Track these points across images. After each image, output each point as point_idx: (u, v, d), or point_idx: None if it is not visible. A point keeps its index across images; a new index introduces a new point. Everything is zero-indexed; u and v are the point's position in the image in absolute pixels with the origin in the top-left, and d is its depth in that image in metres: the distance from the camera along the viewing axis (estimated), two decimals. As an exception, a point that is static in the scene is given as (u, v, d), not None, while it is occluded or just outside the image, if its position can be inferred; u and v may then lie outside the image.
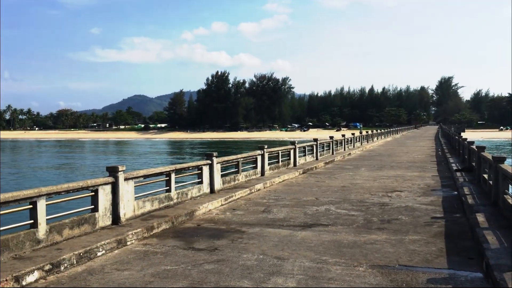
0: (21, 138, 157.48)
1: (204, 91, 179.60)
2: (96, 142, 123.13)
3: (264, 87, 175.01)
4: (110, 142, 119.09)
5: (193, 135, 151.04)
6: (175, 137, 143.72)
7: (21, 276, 6.21)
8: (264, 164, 18.07)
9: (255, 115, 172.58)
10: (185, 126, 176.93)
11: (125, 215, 9.55)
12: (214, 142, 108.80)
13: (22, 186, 29.67)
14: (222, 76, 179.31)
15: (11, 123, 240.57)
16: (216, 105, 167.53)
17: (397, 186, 15.77)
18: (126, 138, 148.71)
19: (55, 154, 69.50)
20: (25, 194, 7.29)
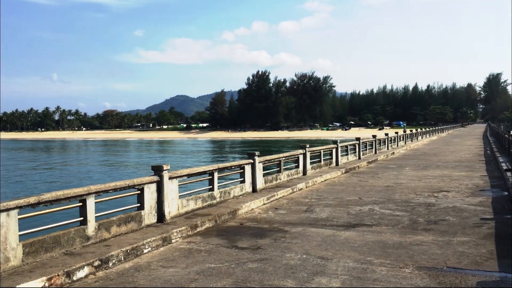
0: (69, 138, 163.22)
1: (245, 91, 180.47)
2: (140, 141, 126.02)
3: (305, 86, 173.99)
4: (153, 142, 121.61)
5: (234, 135, 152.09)
6: (217, 137, 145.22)
7: (72, 272, 6.43)
8: (306, 163, 17.98)
9: (296, 114, 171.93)
10: (226, 126, 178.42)
11: (169, 213, 9.73)
12: (255, 141, 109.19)
13: (70, 185, 30.75)
14: (262, 75, 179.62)
15: (60, 123, 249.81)
16: (257, 104, 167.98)
17: (443, 186, 15.34)
18: (169, 137, 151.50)
19: (101, 154, 71.62)
20: (75, 192, 7.55)
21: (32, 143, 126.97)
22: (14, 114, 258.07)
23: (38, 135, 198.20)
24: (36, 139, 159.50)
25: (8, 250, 6.34)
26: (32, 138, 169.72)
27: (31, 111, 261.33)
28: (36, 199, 6.84)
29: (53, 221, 7.55)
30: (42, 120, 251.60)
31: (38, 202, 6.89)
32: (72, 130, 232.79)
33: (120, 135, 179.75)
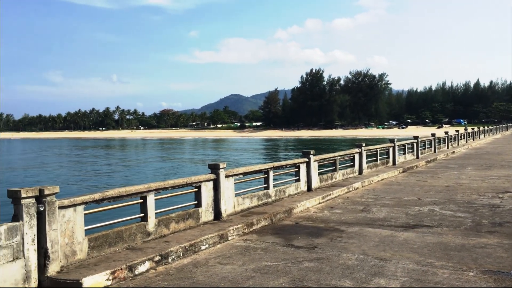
0: (129, 137, 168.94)
1: (298, 89, 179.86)
2: (195, 140, 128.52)
3: (360, 84, 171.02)
4: (208, 141, 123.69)
5: (287, 133, 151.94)
6: (270, 135, 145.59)
7: (134, 266, 6.66)
8: (362, 163, 17.68)
9: (350, 112, 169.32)
10: (279, 124, 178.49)
11: (226, 211, 9.87)
12: (308, 140, 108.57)
13: (130, 181, 31.82)
14: (316, 73, 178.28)
15: (119, 123, 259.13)
16: (311, 103, 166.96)
17: (509, 187, 14.62)
18: (223, 136, 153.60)
19: (158, 152, 73.62)
20: (136, 189, 7.81)
21: (95, 141, 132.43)
22: (77, 114, 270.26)
23: (99, 134, 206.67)
24: (98, 138, 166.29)
25: (75, 244, 6.66)
26: (94, 137, 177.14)
27: (92, 111, 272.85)
28: (101, 196, 7.13)
29: (115, 217, 7.86)
30: (103, 120, 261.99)
31: (102, 198, 7.18)
32: (130, 129, 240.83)
33: (176, 134, 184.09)
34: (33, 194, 6.04)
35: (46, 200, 6.15)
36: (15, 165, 51.44)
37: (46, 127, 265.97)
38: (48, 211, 6.16)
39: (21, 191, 5.90)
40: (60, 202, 6.41)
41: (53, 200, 6.25)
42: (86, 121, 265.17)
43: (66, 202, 6.53)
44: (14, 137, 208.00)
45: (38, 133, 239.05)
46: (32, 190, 6.03)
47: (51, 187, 6.23)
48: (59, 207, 6.38)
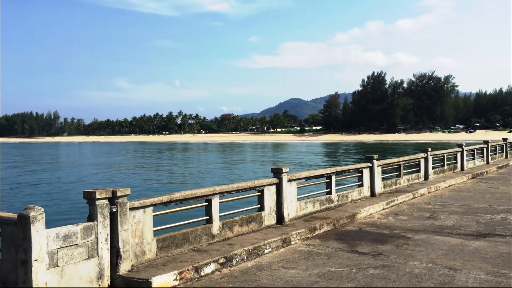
0: (191, 141, 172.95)
1: (359, 93, 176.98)
2: (255, 144, 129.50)
3: (424, 87, 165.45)
4: (268, 145, 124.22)
5: (348, 138, 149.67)
6: (330, 140, 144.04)
7: (200, 267, 6.82)
8: (428, 168, 17.10)
9: (414, 116, 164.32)
10: (340, 129, 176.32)
11: (288, 215, 9.88)
12: (370, 144, 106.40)
13: (191, 184, 32.55)
14: (378, 76, 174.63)
15: (182, 127, 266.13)
16: (372, 106, 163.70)
17: None
18: (282, 140, 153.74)
19: (219, 155, 74.87)
20: (202, 192, 8.00)
21: (159, 145, 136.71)
22: (142, 118, 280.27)
23: (163, 138, 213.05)
24: (161, 142, 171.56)
25: (145, 244, 6.92)
26: (157, 141, 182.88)
27: (156, 116, 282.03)
28: (168, 198, 7.37)
29: (180, 220, 8.08)
30: (166, 124, 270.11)
31: (170, 200, 7.41)
32: (192, 133, 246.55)
33: (236, 138, 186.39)
34: (107, 196, 6.34)
35: (118, 202, 6.44)
36: (85, 167, 54.09)
37: (114, 131, 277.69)
38: (120, 212, 6.44)
39: (96, 193, 6.21)
40: (131, 203, 6.68)
41: (124, 201, 6.53)
42: (150, 125, 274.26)
43: (136, 203, 6.80)
44: (84, 140, 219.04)
45: (106, 137, 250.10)
46: (106, 192, 6.33)
47: (123, 189, 6.51)
48: (130, 208, 6.66)
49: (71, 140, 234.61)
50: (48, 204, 23.38)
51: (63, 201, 25.55)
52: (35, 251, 5.39)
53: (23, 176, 43.09)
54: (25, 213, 5.43)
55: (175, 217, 8.33)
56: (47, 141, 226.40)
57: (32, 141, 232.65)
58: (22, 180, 39.64)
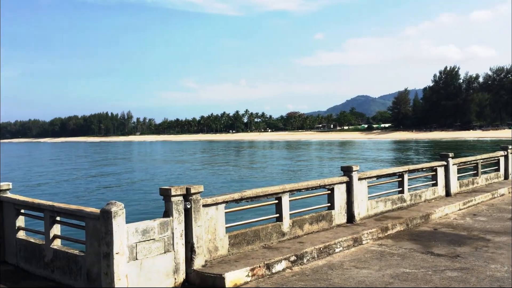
0: (257, 139, 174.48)
1: (431, 88, 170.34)
2: (321, 142, 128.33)
3: (502, 81, 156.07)
4: (334, 143, 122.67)
5: (419, 135, 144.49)
6: (400, 137, 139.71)
7: (271, 264, 6.87)
8: (508, 167, 16.15)
9: (491, 112, 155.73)
10: (410, 126, 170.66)
11: (359, 214, 9.71)
12: (443, 142, 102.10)
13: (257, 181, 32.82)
14: (451, 71, 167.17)
15: (248, 125, 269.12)
16: (445, 102, 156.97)
17: None
18: (349, 138, 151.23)
19: (286, 153, 74.91)
20: (272, 190, 8.05)
21: (226, 143, 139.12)
22: (210, 117, 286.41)
23: (230, 137, 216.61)
24: (229, 140, 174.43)
25: (217, 240, 7.07)
26: (225, 139, 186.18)
27: (223, 115, 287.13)
28: (240, 195, 7.48)
29: (251, 217, 8.18)
30: (233, 123, 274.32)
31: (241, 198, 7.53)
32: (258, 131, 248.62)
33: (302, 136, 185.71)
34: (181, 193, 6.54)
35: (192, 198, 6.62)
36: (159, 164, 56.12)
37: (183, 130, 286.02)
38: (194, 209, 6.63)
39: (171, 190, 6.43)
40: (204, 200, 6.86)
41: (198, 198, 6.71)
42: (218, 124, 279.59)
43: (209, 200, 6.97)
44: (155, 139, 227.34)
45: (175, 136, 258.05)
46: (181, 189, 6.53)
47: (196, 186, 6.70)
48: (203, 205, 6.83)
49: (143, 139, 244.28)
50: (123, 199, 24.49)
51: (139, 196, 26.66)
52: (117, 245, 5.67)
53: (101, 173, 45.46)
54: (107, 208, 5.72)
55: (245, 214, 8.46)
56: (121, 140, 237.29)
57: (108, 140, 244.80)
58: (101, 176, 41.85)
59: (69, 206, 6.84)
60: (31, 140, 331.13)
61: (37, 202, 7.40)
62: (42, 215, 7.25)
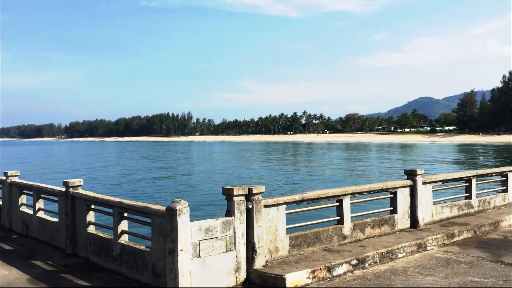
0: (315, 141, 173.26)
1: (499, 90, 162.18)
2: (381, 144, 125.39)
3: None
4: (394, 145, 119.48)
5: (486, 139, 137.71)
6: (465, 140, 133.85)
7: (332, 267, 6.81)
8: None
9: None
10: (476, 129, 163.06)
11: (423, 220, 9.42)
12: None
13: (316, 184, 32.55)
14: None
15: (306, 127, 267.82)
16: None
17: None
18: (411, 141, 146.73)
19: (344, 155, 73.87)
20: (333, 192, 7.98)
21: (284, 145, 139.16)
22: (268, 118, 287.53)
23: (288, 138, 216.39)
24: (286, 141, 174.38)
25: (278, 241, 7.10)
26: (282, 141, 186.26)
27: (281, 116, 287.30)
28: (301, 197, 7.48)
29: (311, 219, 8.14)
30: (291, 124, 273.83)
31: (302, 199, 7.52)
32: (317, 133, 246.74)
33: (361, 138, 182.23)
34: (243, 193, 6.62)
35: (254, 199, 6.69)
36: (216, 164, 57.09)
37: (241, 131, 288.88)
38: (255, 209, 6.69)
39: (234, 189, 6.53)
40: (265, 201, 6.91)
41: (259, 198, 6.77)
42: (276, 125, 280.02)
43: (270, 201, 7.01)
44: (214, 140, 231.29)
45: (234, 136, 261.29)
46: (242, 189, 6.62)
47: (258, 187, 6.76)
48: (264, 205, 6.88)
49: (203, 139, 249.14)
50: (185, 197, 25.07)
51: (200, 194, 27.22)
52: (181, 242, 5.83)
53: (164, 171, 46.85)
54: (172, 206, 5.89)
55: (304, 216, 8.42)
56: (181, 140, 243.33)
57: (169, 140, 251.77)
58: (164, 174, 43.12)
59: (136, 203, 7.11)
60: (97, 139, 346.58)
61: (106, 198, 7.75)
62: (111, 211, 7.59)
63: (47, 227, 9.53)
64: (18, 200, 10.71)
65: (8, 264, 7.89)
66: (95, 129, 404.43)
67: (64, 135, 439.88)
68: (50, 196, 9.65)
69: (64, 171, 52.00)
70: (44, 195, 9.89)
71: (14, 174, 11.08)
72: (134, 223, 7.53)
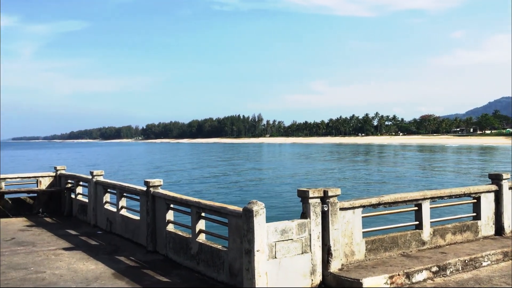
0: (387, 143, 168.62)
1: None
2: (459, 147, 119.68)
3: None
4: (474, 148, 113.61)
5: None
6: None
7: (411, 273, 6.59)
8: None
9: None
10: None
11: (509, 227, 8.89)
12: None
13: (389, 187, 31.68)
14: None
15: (378, 129, 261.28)
16: None
17: None
18: (492, 143, 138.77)
19: (419, 158, 71.26)
20: (412, 196, 7.74)
21: (355, 147, 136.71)
22: (338, 120, 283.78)
23: (359, 140, 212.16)
24: (357, 144, 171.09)
25: (354, 244, 6.99)
26: (353, 143, 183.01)
27: (352, 118, 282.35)
28: (377, 200, 7.32)
29: (388, 223, 7.93)
30: (362, 126, 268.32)
31: (379, 203, 7.35)
32: (389, 135, 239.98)
33: (437, 140, 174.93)
34: (319, 195, 6.59)
35: (329, 201, 6.63)
36: (288, 165, 57.20)
37: (311, 133, 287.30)
38: (331, 211, 6.63)
39: (309, 191, 6.51)
40: (341, 203, 6.83)
41: (335, 201, 6.70)
42: (346, 127, 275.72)
43: (346, 204, 6.92)
44: (284, 141, 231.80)
45: (304, 138, 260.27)
46: (318, 191, 6.59)
47: (333, 189, 6.70)
48: (340, 208, 6.80)
49: (273, 141, 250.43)
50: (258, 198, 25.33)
51: (273, 196, 27.40)
52: (257, 242, 5.90)
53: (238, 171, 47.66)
54: (249, 207, 5.99)
55: (379, 220, 8.23)
56: (252, 142, 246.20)
57: (240, 142, 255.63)
58: (238, 174, 43.89)
59: (214, 203, 7.29)
60: (172, 140, 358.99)
61: (185, 198, 8.02)
62: (189, 211, 7.84)
63: (129, 224, 10.02)
64: (103, 198, 11.36)
65: (94, 258, 8.39)
66: (169, 131, 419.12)
67: (141, 136, 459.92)
68: (132, 195, 10.14)
69: (143, 171, 54.43)
70: (127, 193, 10.42)
71: (99, 174, 11.75)
72: (209, 222, 7.74)
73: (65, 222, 12.31)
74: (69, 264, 8.02)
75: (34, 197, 13.75)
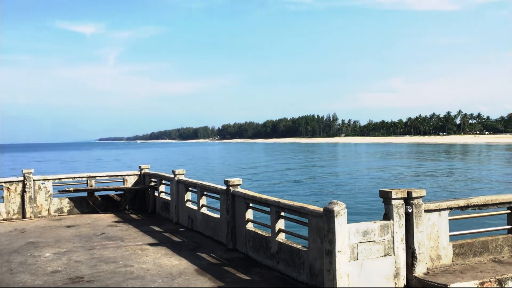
0: (470, 142, 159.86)
1: None
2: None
3: None
4: None
5: None
6: None
7: (504, 280, 6.20)
8: None
9: None
10: None
11: None
12: None
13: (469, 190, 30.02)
14: None
15: (461, 127, 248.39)
16: None
17: None
18: None
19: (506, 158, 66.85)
20: (504, 198, 7.27)
21: (435, 147, 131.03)
22: (418, 119, 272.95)
23: (439, 139, 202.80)
24: (438, 143, 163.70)
25: (440, 248, 6.69)
26: (433, 142, 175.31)
27: (433, 116, 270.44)
28: (466, 202, 6.95)
29: (479, 226, 7.50)
30: (443, 125, 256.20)
31: (467, 205, 6.98)
32: (473, 134, 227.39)
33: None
34: (402, 196, 6.38)
35: (414, 203, 6.40)
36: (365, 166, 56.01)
37: (388, 132, 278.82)
38: (415, 213, 6.40)
39: (392, 192, 6.32)
40: (426, 205, 6.56)
41: (420, 203, 6.46)
42: (426, 126, 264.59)
43: (431, 206, 6.64)
44: (360, 141, 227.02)
45: (380, 137, 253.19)
46: (401, 192, 6.38)
47: (418, 190, 6.45)
48: (425, 210, 6.54)
49: (348, 141, 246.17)
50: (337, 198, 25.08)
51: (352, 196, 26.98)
52: (339, 243, 5.82)
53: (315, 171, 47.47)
54: (330, 207, 5.92)
55: (466, 223, 7.81)
56: (327, 142, 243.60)
57: (315, 142, 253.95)
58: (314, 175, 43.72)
59: (293, 203, 7.29)
60: (247, 140, 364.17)
61: (264, 197, 8.10)
62: (268, 210, 7.90)
63: (210, 222, 10.29)
64: (184, 196, 11.76)
65: (178, 254, 8.71)
66: (244, 131, 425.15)
67: (217, 136, 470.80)
68: (212, 193, 10.40)
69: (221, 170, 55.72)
70: (207, 192, 10.70)
71: (181, 173, 12.18)
72: (288, 222, 7.75)
73: (149, 219, 12.89)
74: (155, 259, 8.39)
75: (120, 195, 14.53)
